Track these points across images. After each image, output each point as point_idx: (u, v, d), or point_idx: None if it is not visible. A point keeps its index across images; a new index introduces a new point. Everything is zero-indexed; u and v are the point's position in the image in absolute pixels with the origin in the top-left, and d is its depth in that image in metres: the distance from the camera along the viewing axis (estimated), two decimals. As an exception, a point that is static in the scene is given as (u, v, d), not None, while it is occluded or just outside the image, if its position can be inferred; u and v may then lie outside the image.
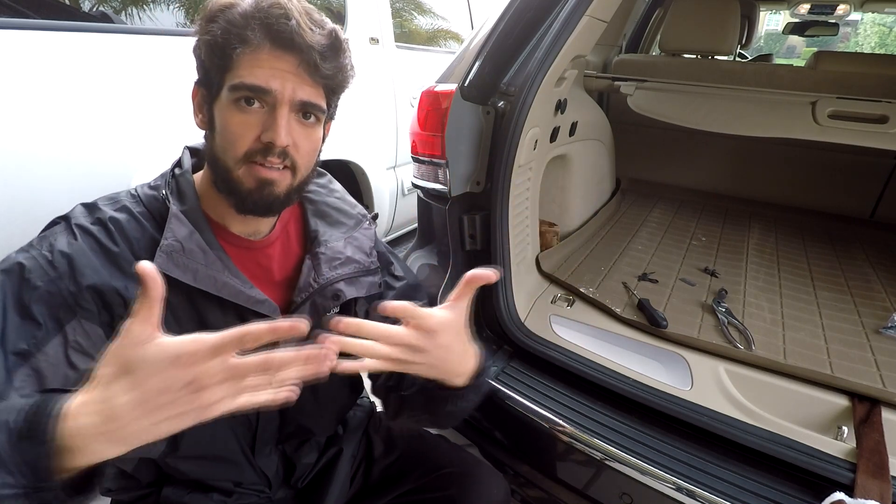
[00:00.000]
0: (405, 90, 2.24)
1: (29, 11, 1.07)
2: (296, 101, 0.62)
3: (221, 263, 0.64)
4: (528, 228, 1.32)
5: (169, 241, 0.61)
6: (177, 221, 0.62)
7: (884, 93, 1.49)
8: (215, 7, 0.60)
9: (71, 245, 0.59)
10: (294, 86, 0.61)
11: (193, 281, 0.62)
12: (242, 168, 0.62)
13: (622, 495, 0.87)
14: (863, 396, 0.93)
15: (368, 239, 0.81)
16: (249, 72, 0.59)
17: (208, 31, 0.60)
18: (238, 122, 0.61)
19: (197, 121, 0.67)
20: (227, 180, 0.63)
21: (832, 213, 2.09)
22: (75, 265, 0.58)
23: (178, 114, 1.29)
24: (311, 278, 0.72)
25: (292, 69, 0.61)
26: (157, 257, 0.60)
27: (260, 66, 0.59)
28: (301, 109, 0.63)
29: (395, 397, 0.78)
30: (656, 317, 1.15)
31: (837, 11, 3.26)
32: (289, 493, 0.84)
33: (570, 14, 1.05)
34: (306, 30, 0.59)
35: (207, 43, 0.61)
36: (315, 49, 0.60)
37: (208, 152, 0.66)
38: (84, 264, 0.58)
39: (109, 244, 0.60)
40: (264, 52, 0.59)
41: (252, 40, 0.59)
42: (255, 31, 0.58)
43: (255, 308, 0.67)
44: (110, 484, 0.77)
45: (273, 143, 0.60)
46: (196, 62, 0.64)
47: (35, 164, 1.05)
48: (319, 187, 0.83)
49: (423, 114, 1.09)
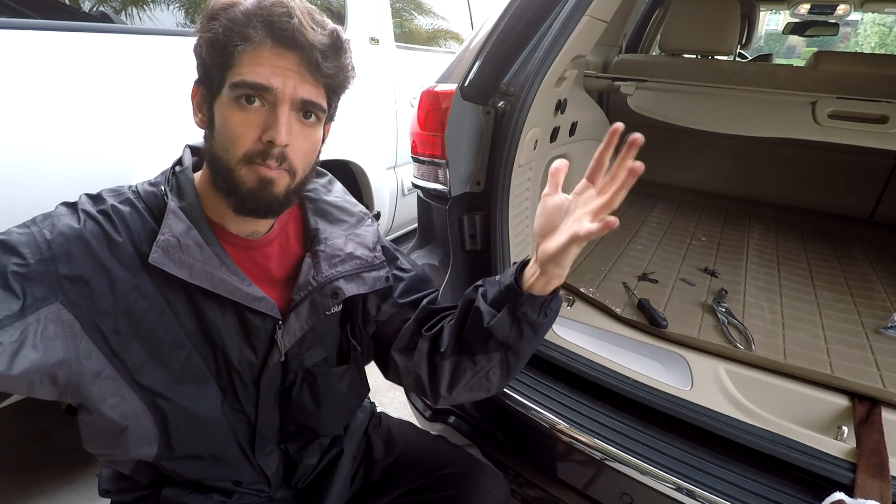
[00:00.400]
0: (405, 90, 2.24)
1: (29, 11, 1.08)
2: (297, 99, 0.61)
3: (218, 260, 0.64)
4: (528, 228, 1.32)
5: (165, 237, 0.61)
6: (174, 217, 0.62)
7: (884, 93, 1.49)
8: (217, 5, 0.60)
9: (73, 229, 0.59)
10: (295, 84, 0.61)
11: (189, 277, 0.62)
12: (244, 168, 0.62)
13: (622, 495, 0.87)
14: (863, 396, 0.93)
15: (372, 235, 0.80)
16: (251, 69, 0.59)
17: (210, 28, 0.60)
18: (238, 121, 0.61)
19: (196, 120, 0.67)
20: (228, 180, 0.63)
21: (832, 213, 2.09)
22: (73, 250, 0.57)
23: (178, 114, 1.29)
24: (310, 276, 0.72)
25: (294, 67, 0.60)
26: (154, 252, 0.59)
27: (261, 64, 0.59)
28: (302, 108, 0.63)
29: (450, 353, 0.75)
30: (656, 317, 1.15)
31: (837, 11, 3.26)
32: (289, 493, 0.84)
33: (570, 14, 1.05)
34: (308, 28, 0.59)
35: (209, 40, 0.60)
36: (317, 48, 0.60)
37: (208, 151, 0.65)
38: (82, 251, 0.58)
39: (113, 233, 0.60)
40: (266, 49, 0.59)
41: (254, 38, 0.59)
42: (257, 28, 0.58)
43: (252, 305, 0.67)
44: (109, 485, 0.77)
45: (273, 141, 0.60)
46: (196, 61, 0.64)
47: (35, 164, 1.05)
48: (320, 186, 0.83)
49: (423, 114, 1.09)
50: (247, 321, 0.68)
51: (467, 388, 0.77)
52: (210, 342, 0.67)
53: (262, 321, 0.69)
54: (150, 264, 0.60)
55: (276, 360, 0.72)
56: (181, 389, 0.66)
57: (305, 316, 0.72)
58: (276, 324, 0.70)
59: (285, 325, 0.71)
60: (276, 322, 0.70)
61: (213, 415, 0.70)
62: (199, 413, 0.68)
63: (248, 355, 0.70)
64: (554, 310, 0.71)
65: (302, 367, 0.77)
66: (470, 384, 0.77)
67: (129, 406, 0.64)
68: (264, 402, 0.74)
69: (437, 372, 0.78)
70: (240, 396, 0.72)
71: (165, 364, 0.65)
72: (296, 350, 0.75)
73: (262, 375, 0.72)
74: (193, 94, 0.67)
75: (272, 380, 0.74)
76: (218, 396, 0.70)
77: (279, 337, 0.70)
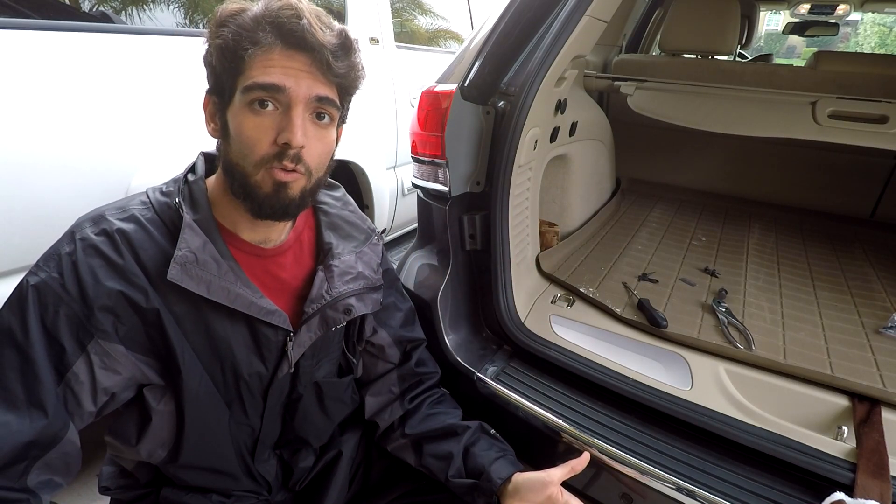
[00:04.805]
0: (405, 90, 2.23)
1: (29, 11, 1.07)
2: (311, 97, 0.61)
3: (234, 274, 0.64)
4: (528, 228, 1.32)
5: (183, 252, 0.60)
6: (191, 232, 0.62)
7: (884, 93, 1.49)
8: (225, 12, 0.60)
9: (76, 265, 0.59)
10: (308, 84, 0.61)
11: (207, 293, 0.62)
12: (260, 173, 0.62)
13: (622, 495, 0.87)
14: (863, 396, 0.93)
15: (376, 255, 0.82)
16: (262, 71, 0.59)
17: (219, 35, 0.60)
18: (253, 126, 0.60)
19: (209, 130, 0.67)
20: (245, 185, 0.62)
21: (832, 213, 2.08)
22: (84, 287, 0.58)
23: (179, 113, 1.29)
24: (323, 290, 0.72)
25: (305, 68, 0.60)
26: (171, 268, 0.59)
27: (272, 66, 0.59)
28: (316, 108, 0.63)
29: (410, 441, 0.85)
30: (656, 317, 1.15)
31: (837, 11, 3.26)
32: (287, 497, 0.84)
33: (570, 14, 1.05)
34: (318, 29, 0.59)
35: (219, 47, 0.60)
36: (327, 48, 0.60)
37: (223, 160, 0.65)
38: (91, 285, 0.58)
39: (115, 256, 0.60)
40: (276, 52, 0.59)
41: (263, 41, 0.58)
42: (267, 31, 0.58)
43: (265, 318, 0.67)
44: (109, 483, 0.77)
45: (289, 143, 0.60)
46: (206, 70, 0.64)
47: (35, 164, 1.05)
48: (334, 200, 0.83)
49: (423, 114, 1.09)
50: (258, 333, 0.68)
51: (395, 454, 0.88)
52: (218, 356, 0.67)
53: (274, 333, 0.69)
54: (157, 280, 0.61)
55: (285, 371, 0.72)
56: (197, 403, 0.67)
57: (315, 329, 0.73)
58: (287, 335, 0.70)
59: (296, 338, 0.71)
60: (288, 334, 0.70)
61: (219, 432, 0.71)
62: (208, 428, 0.69)
63: (257, 366, 0.70)
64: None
65: (311, 379, 0.77)
66: (401, 456, 0.88)
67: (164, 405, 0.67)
68: (270, 412, 0.75)
69: (391, 436, 0.87)
70: (247, 408, 0.72)
71: (182, 376, 0.65)
72: (308, 363, 0.75)
73: (270, 387, 0.72)
74: (205, 105, 0.67)
75: (280, 391, 0.75)
76: (225, 413, 0.70)
77: (290, 349, 0.71)
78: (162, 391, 0.66)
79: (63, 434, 0.57)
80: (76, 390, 0.59)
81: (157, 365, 0.64)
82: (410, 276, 1.18)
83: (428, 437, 0.83)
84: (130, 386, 0.64)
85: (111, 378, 0.61)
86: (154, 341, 0.63)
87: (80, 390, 0.59)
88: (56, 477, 0.59)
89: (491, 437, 0.85)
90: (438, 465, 0.80)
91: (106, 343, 0.59)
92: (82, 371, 0.59)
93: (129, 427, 0.68)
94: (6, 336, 0.56)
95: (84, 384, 0.59)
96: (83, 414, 0.61)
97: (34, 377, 0.56)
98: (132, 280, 0.60)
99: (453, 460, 0.79)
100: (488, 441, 0.83)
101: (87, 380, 0.59)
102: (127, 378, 0.62)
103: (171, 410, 0.66)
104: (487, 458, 0.78)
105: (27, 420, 0.55)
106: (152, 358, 0.63)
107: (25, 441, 0.54)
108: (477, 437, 0.83)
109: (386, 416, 0.87)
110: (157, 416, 0.66)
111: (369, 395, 0.88)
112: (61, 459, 0.58)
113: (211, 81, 0.65)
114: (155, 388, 0.65)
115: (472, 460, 0.79)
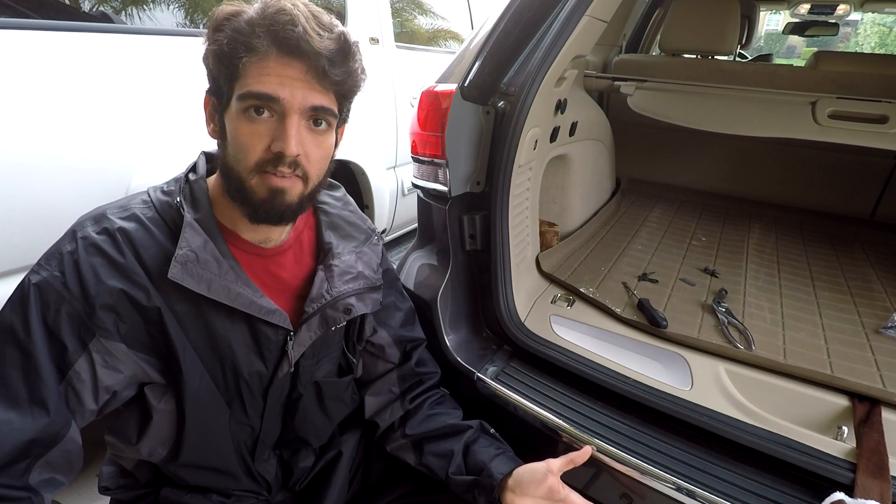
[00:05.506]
0: (405, 90, 2.23)
1: (29, 11, 1.07)
2: (306, 107, 0.61)
3: (234, 273, 0.64)
4: (528, 228, 1.32)
5: (184, 251, 0.60)
6: (191, 231, 0.62)
7: (884, 93, 1.49)
8: (221, 16, 0.59)
9: (78, 264, 0.59)
10: (303, 93, 0.60)
11: (207, 292, 0.62)
12: (255, 178, 0.62)
13: (622, 495, 0.87)
14: (863, 396, 0.93)
15: (376, 255, 0.82)
16: (257, 80, 0.59)
17: (215, 40, 0.59)
18: (248, 132, 0.60)
19: (209, 130, 0.67)
20: (241, 190, 0.63)
21: (832, 213, 2.08)
22: (86, 285, 0.58)
23: (179, 113, 1.29)
24: (324, 290, 0.73)
25: (300, 76, 0.60)
26: (172, 267, 0.60)
27: (267, 74, 0.59)
28: (312, 116, 0.62)
29: (410, 441, 0.85)
30: (656, 317, 1.15)
31: (837, 11, 3.26)
32: (287, 497, 0.84)
33: (570, 14, 1.05)
34: (314, 35, 0.58)
35: (214, 52, 0.60)
36: (323, 55, 0.59)
37: (221, 162, 0.66)
38: (93, 283, 0.59)
39: (116, 255, 0.60)
40: (271, 59, 0.59)
41: (258, 48, 0.58)
42: (261, 38, 0.58)
43: (266, 318, 0.67)
44: (109, 483, 0.77)
45: (283, 152, 0.60)
46: (206, 71, 0.64)
47: (35, 164, 1.05)
48: (335, 200, 0.83)
49: (423, 114, 1.09)
50: (258, 332, 0.68)
51: (395, 453, 0.89)
52: (218, 355, 0.67)
53: (274, 332, 0.69)
54: (158, 279, 0.61)
55: (285, 370, 0.72)
56: (197, 402, 0.67)
57: (315, 328, 0.73)
58: (287, 335, 0.70)
59: (296, 337, 0.71)
60: (288, 333, 0.70)
61: (219, 431, 0.71)
62: (209, 427, 0.69)
63: (257, 366, 0.70)
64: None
65: (311, 379, 0.77)
66: (400, 456, 0.88)
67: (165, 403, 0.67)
68: (270, 412, 0.75)
69: (391, 436, 0.87)
70: (247, 408, 0.72)
71: (183, 375, 0.65)
72: (308, 363, 0.75)
73: (270, 386, 0.73)
74: (205, 104, 0.67)
75: (280, 390, 0.75)
76: (226, 413, 0.70)
77: (290, 348, 0.71)
78: (163, 390, 0.66)
79: (65, 432, 0.58)
80: (78, 388, 0.59)
81: (157, 363, 0.64)
82: (410, 276, 1.18)
83: (429, 437, 0.83)
84: (132, 384, 0.64)
85: (113, 376, 0.61)
86: (155, 340, 0.63)
87: (81, 388, 0.59)
88: (58, 475, 0.59)
89: (491, 437, 0.85)
90: (438, 463, 0.80)
91: (107, 341, 0.59)
92: (84, 369, 0.59)
93: (130, 426, 0.68)
94: (8, 335, 0.57)
95: (86, 382, 0.59)
96: (85, 412, 0.61)
97: (36, 375, 0.56)
98: (133, 279, 0.60)
99: (453, 458, 0.79)
100: (488, 439, 0.84)
101: (88, 378, 0.59)
102: (128, 376, 0.63)
103: (172, 409, 0.67)
104: (488, 455, 0.78)
105: (29, 418, 0.55)
106: (153, 356, 0.64)
107: (27, 439, 0.55)
108: (477, 436, 0.83)
109: (386, 416, 0.87)
110: (158, 415, 0.66)
111: (369, 394, 0.88)
112: (63, 458, 0.58)
113: (210, 82, 0.65)
114: (156, 387, 0.65)
115: (473, 457, 0.79)
